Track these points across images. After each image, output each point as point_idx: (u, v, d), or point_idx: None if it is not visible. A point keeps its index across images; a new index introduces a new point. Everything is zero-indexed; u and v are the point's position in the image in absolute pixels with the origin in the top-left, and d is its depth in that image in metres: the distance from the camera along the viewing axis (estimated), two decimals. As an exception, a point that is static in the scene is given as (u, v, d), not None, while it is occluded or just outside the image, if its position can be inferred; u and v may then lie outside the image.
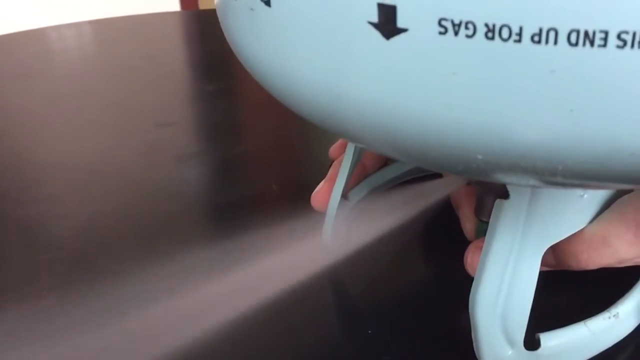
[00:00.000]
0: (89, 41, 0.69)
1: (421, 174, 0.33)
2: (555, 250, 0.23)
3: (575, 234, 0.22)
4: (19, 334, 0.25)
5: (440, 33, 0.12)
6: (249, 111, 0.47)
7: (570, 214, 0.21)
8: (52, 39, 0.67)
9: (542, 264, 0.24)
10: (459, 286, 0.23)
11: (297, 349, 0.25)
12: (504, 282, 0.21)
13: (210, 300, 0.27)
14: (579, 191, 0.21)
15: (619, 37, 0.11)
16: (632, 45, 0.11)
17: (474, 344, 0.22)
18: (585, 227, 0.22)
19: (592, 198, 0.22)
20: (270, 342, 0.25)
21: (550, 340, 0.22)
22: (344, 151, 0.28)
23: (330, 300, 0.28)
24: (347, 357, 0.24)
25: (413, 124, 0.14)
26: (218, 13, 0.19)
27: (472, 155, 0.14)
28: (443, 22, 0.12)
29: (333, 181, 0.28)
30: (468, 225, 0.28)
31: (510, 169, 0.14)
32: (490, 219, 0.21)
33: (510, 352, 0.22)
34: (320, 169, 0.32)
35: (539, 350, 0.22)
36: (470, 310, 0.21)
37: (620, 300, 0.24)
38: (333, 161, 0.31)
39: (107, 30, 0.71)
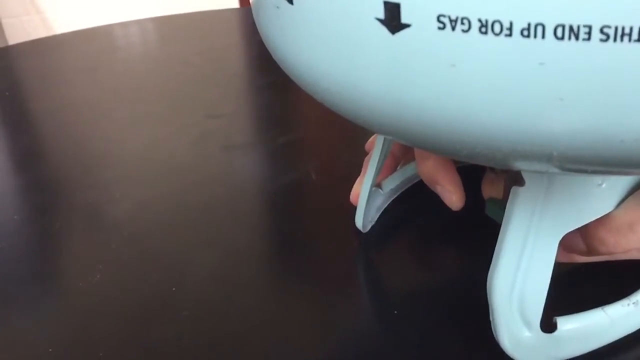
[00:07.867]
0: (151, 38, 0.72)
1: (456, 165, 0.33)
2: (584, 236, 0.24)
3: (602, 220, 0.22)
4: (74, 304, 0.28)
5: (439, 28, 0.14)
6: (294, 104, 0.49)
7: (588, 201, 0.22)
8: (118, 36, 0.71)
9: (573, 250, 0.24)
10: (480, 271, 0.24)
11: (329, 327, 0.26)
12: (520, 267, 0.22)
13: (252, 282, 0.29)
14: (596, 180, 0.22)
15: (601, 31, 0.12)
16: (615, 39, 0.12)
17: (492, 325, 0.23)
18: (613, 212, 0.23)
19: (612, 186, 0.22)
20: (305, 320, 0.26)
21: (567, 323, 0.23)
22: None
23: (360, 282, 0.29)
24: (374, 335, 0.26)
25: (417, 112, 0.15)
26: (252, 11, 0.21)
27: (472, 142, 0.15)
28: (441, 18, 0.14)
29: None
30: (454, 197, 0.27)
31: (510, 154, 0.15)
32: (507, 205, 0.21)
33: (527, 333, 0.23)
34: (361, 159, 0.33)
35: (556, 333, 0.23)
36: (487, 293, 0.22)
37: (642, 288, 0.24)
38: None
39: (168, 27, 0.74)
